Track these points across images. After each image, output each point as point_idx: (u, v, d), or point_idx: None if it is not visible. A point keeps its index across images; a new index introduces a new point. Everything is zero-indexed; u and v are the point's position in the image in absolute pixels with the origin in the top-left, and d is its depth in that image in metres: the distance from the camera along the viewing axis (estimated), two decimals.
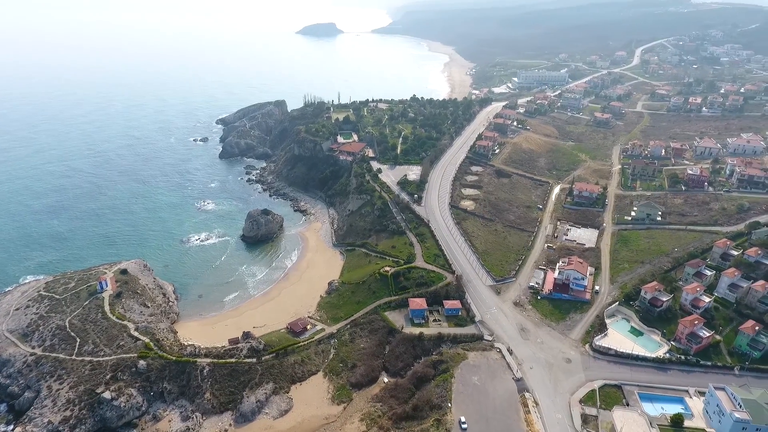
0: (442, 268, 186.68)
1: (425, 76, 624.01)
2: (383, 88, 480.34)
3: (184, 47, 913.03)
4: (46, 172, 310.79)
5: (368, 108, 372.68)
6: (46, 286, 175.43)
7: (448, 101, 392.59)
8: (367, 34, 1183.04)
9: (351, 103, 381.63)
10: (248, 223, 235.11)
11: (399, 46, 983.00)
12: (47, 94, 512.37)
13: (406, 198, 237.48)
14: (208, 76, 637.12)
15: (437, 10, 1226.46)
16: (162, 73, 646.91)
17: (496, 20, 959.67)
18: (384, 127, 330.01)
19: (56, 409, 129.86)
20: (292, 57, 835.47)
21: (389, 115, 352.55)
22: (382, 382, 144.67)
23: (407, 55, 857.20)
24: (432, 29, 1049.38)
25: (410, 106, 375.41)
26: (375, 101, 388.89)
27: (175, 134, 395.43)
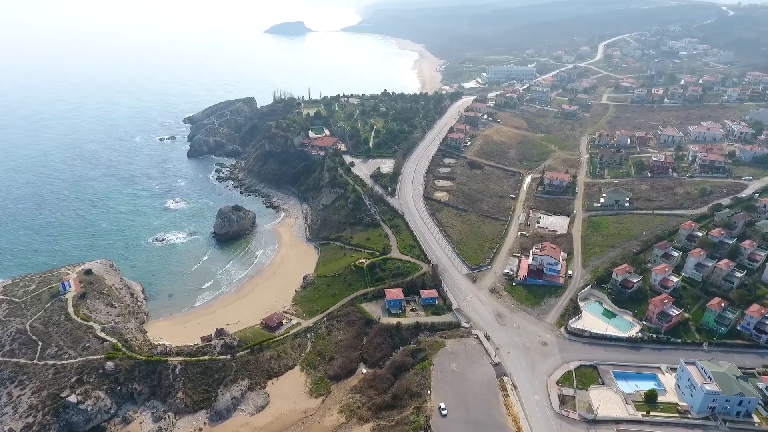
0: (417, 258, 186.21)
1: (396, 73, 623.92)
2: (354, 84, 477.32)
3: (143, 47, 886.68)
4: (10, 173, 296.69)
5: (339, 103, 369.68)
6: (3, 289, 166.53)
7: (419, 96, 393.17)
8: (337, 33, 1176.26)
9: (322, 99, 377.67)
10: (219, 220, 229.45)
11: (369, 44, 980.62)
12: (19, 95, 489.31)
13: (380, 191, 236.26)
14: (173, 76, 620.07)
15: (406, 9, 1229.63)
16: (121, 75, 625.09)
17: (466, 18, 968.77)
18: (356, 121, 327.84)
19: (17, 416, 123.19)
20: (260, 55, 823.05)
21: (361, 110, 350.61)
22: (360, 373, 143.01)
23: (377, 52, 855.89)
24: (401, 27, 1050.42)
25: (382, 100, 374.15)
26: (346, 96, 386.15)
27: (140, 134, 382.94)
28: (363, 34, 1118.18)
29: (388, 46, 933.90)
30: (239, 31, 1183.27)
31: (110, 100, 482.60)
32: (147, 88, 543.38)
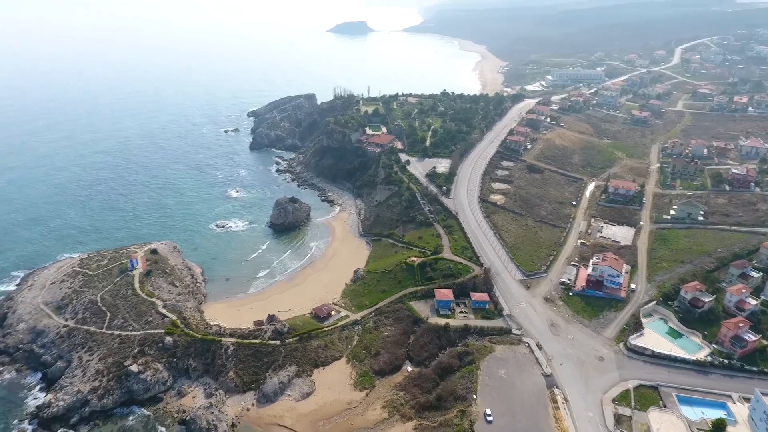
0: (469, 260, 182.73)
1: (456, 74, 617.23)
2: (413, 83, 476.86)
3: (216, 43, 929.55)
4: (96, 155, 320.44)
5: (398, 102, 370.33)
6: (80, 262, 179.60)
7: (479, 96, 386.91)
8: (398, 33, 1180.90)
9: (381, 97, 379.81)
10: (276, 210, 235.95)
11: (430, 44, 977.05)
12: (105, 86, 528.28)
13: (435, 190, 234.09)
14: (239, 72, 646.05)
15: (469, 9, 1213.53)
16: (195, 69, 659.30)
17: (530, 19, 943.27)
18: (413, 120, 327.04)
19: (86, 379, 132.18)
20: (323, 54, 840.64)
21: (419, 109, 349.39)
22: (405, 370, 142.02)
23: (438, 53, 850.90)
24: (463, 28, 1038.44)
25: (440, 100, 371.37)
26: (405, 95, 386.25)
27: (208, 125, 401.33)
28: (424, 35, 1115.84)
29: (449, 46, 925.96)
30: (304, 29, 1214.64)
31: (185, 93, 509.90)
32: (218, 82, 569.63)
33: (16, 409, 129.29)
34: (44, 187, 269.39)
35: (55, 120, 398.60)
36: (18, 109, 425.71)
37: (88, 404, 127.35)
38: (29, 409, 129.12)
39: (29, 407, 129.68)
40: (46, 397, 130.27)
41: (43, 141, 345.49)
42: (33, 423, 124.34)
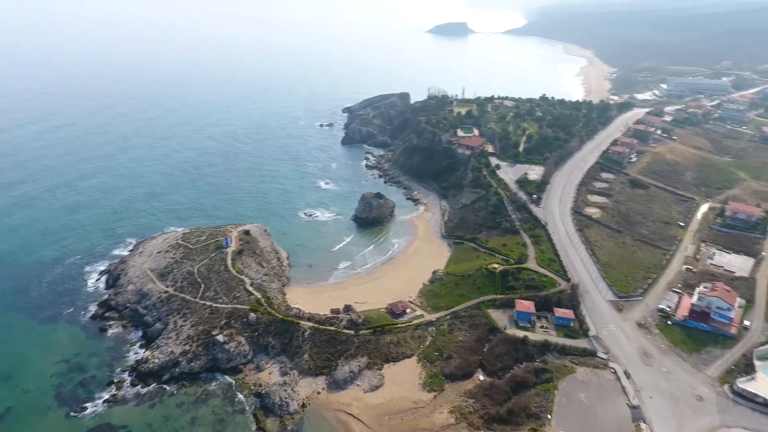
0: (556, 273, 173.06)
1: (558, 79, 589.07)
2: (511, 87, 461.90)
3: (319, 41, 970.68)
4: (208, 141, 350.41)
5: (493, 104, 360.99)
6: (183, 236, 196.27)
7: (581, 103, 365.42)
8: (499, 35, 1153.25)
9: (475, 99, 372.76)
10: (361, 204, 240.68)
11: (532, 47, 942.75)
12: (222, 79, 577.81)
13: (524, 197, 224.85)
14: (338, 69, 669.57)
15: (577, 12, 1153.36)
16: (301, 64, 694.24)
17: (646, 23, 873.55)
18: (508, 124, 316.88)
19: (178, 342, 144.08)
20: (419, 54, 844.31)
21: (514, 113, 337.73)
22: (477, 378, 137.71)
23: (540, 56, 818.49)
24: (570, 32, 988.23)
25: (539, 105, 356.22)
26: (500, 98, 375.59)
27: (304, 119, 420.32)
28: (527, 37, 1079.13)
29: (553, 50, 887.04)
30: (402, 30, 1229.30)
31: (289, 87, 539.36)
32: (318, 77, 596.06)
33: (119, 360, 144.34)
34: (161, 166, 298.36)
35: (176, 107, 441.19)
36: (148, 97, 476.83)
37: (179, 365, 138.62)
38: (129, 361, 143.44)
39: (130, 360, 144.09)
40: (144, 354, 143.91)
41: (164, 125, 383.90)
42: (132, 375, 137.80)
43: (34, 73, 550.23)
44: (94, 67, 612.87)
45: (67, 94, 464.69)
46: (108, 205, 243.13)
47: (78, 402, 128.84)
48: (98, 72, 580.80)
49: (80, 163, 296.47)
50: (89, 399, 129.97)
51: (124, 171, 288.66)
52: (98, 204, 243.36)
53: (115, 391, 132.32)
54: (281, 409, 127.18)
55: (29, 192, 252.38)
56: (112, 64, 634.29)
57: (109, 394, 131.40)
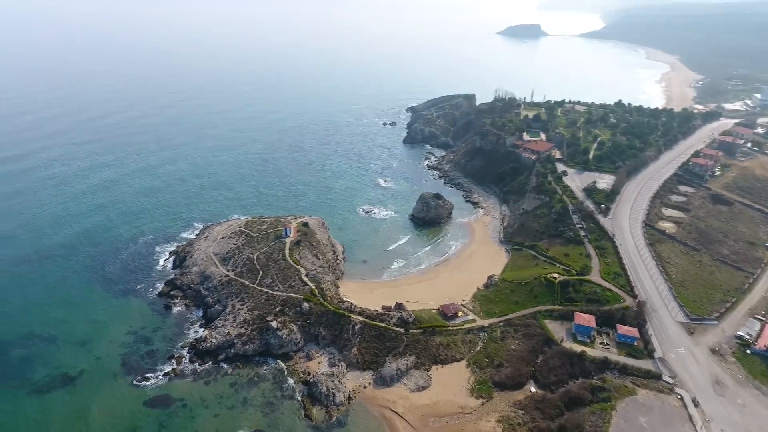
0: (621, 288, 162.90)
1: (637, 85, 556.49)
2: (583, 91, 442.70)
3: (389, 41, 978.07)
4: (277, 134, 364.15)
5: (563, 109, 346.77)
6: (245, 224, 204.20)
7: (661, 110, 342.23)
8: (574, 38, 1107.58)
9: (544, 102, 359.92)
10: (419, 204, 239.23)
11: (609, 51, 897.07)
12: (296, 79, 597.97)
13: (591, 206, 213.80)
14: (404, 68, 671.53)
15: (663, 15, 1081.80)
16: (367, 60, 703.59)
17: (742, 27, 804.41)
18: (578, 129, 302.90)
19: (235, 324, 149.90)
20: (488, 55, 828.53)
21: (586, 118, 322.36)
22: (528, 390, 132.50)
23: (618, 61, 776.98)
24: (652, 36, 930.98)
25: (613, 111, 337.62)
26: (572, 103, 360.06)
27: (369, 117, 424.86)
28: (605, 41, 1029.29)
29: (633, 55, 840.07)
30: (473, 31, 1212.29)
31: (357, 86, 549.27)
32: (386, 76, 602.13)
33: (180, 336, 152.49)
34: (231, 157, 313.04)
35: (251, 102, 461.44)
36: (227, 91, 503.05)
37: (234, 347, 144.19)
38: (189, 339, 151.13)
39: (190, 337, 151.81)
40: (203, 333, 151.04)
41: (238, 118, 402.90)
42: (190, 351, 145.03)
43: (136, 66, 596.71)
44: (192, 60, 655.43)
45: (155, 86, 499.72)
46: (181, 191, 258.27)
47: (141, 372, 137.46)
48: (192, 66, 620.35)
49: (160, 150, 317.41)
50: (151, 370, 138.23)
51: (198, 160, 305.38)
52: (172, 189, 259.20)
53: (174, 366, 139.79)
54: (327, 399, 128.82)
55: (114, 175, 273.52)
56: (206, 60, 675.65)
57: (170, 368, 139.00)
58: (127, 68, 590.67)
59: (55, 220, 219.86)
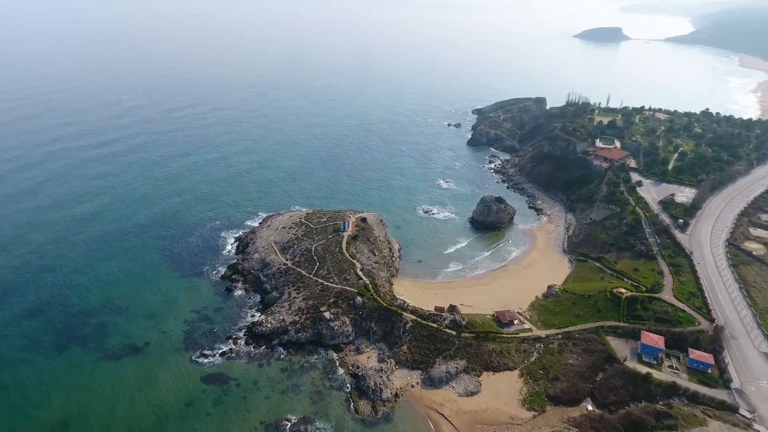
0: (696, 310, 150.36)
1: (727, 94, 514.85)
2: (665, 99, 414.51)
3: (458, 42, 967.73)
4: (343, 129, 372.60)
5: (642, 116, 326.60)
6: (306, 216, 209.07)
7: (755, 122, 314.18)
8: (659, 43, 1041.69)
9: (621, 108, 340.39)
10: (480, 207, 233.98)
11: (698, 58, 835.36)
12: (368, 76, 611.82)
13: (667, 220, 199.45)
14: (474, 69, 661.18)
15: (760, 19, 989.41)
16: (438, 58, 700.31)
17: None
18: (657, 138, 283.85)
19: (290, 312, 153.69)
20: (564, 59, 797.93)
21: (667, 127, 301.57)
22: (585, 408, 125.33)
23: (707, 68, 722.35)
24: (748, 41, 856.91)
25: (698, 120, 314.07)
26: (652, 110, 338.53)
27: (434, 117, 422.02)
28: (693, 47, 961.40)
29: (725, 62, 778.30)
30: (547, 33, 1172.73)
31: (425, 86, 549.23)
32: (454, 78, 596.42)
33: (238, 318, 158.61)
34: (299, 150, 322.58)
35: (320, 98, 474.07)
36: (295, 87, 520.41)
37: (287, 333, 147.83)
38: (246, 322, 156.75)
39: (246, 321, 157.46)
40: (259, 317, 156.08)
41: (307, 113, 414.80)
42: (246, 334, 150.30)
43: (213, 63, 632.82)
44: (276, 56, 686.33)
45: (230, 82, 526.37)
46: (250, 181, 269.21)
47: (200, 349, 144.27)
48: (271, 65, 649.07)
49: (236, 141, 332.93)
50: (210, 348, 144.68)
51: (268, 152, 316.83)
52: (242, 179, 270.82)
53: (231, 346, 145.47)
54: (375, 394, 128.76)
55: (190, 163, 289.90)
56: (289, 58, 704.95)
57: (227, 348, 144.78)
58: (208, 67, 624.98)
59: (136, 202, 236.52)
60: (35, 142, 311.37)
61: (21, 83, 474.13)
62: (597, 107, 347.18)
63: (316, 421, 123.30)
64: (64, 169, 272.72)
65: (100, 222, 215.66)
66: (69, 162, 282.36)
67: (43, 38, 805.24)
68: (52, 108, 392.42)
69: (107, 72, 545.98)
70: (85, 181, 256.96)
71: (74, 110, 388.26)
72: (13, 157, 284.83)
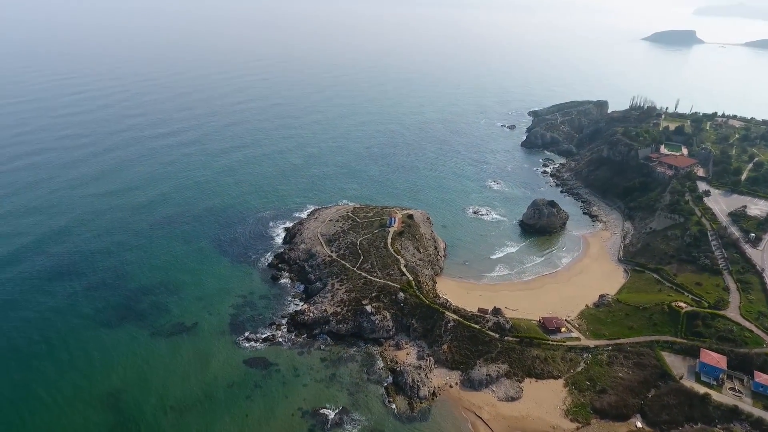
0: (765, 331, 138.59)
1: None
2: (741, 106, 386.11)
3: (516, 43, 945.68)
4: (394, 125, 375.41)
5: (713, 123, 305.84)
6: (353, 210, 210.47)
7: None
8: (737, 47, 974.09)
9: (690, 114, 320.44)
10: (531, 210, 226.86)
11: None
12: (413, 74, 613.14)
13: (737, 234, 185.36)
14: (533, 72, 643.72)
15: None
16: (487, 60, 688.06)
17: None
18: (730, 146, 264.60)
19: (332, 303, 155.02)
20: (630, 62, 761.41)
21: (742, 135, 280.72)
22: (634, 424, 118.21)
23: None
24: None
25: None
26: (725, 116, 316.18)
27: (488, 118, 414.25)
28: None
29: None
30: (614, 36, 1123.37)
31: (481, 86, 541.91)
32: (512, 79, 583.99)
33: (281, 306, 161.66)
34: (354, 145, 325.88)
35: (375, 96, 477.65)
36: (353, 86, 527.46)
37: (329, 324, 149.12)
38: (290, 310, 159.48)
39: (289, 309, 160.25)
40: (302, 306, 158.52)
41: (364, 111, 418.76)
42: (289, 322, 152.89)
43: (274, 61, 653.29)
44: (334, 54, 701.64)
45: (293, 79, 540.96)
46: (302, 174, 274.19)
47: (244, 333, 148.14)
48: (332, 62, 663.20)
49: (289, 136, 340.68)
50: (253, 333, 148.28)
51: (330, 144, 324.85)
52: (296, 172, 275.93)
53: (274, 332, 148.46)
54: (412, 390, 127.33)
55: (249, 155, 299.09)
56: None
57: (270, 334, 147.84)
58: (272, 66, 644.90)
59: (197, 189, 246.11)
60: (102, 132, 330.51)
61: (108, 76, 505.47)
62: (663, 112, 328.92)
63: (352, 412, 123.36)
64: (133, 156, 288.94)
65: (158, 208, 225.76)
66: (137, 149, 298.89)
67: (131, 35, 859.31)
68: (125, 99, 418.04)
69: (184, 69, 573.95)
70: (149, 168, 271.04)
71: (146, 101, 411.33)
72: (84, 144, 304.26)
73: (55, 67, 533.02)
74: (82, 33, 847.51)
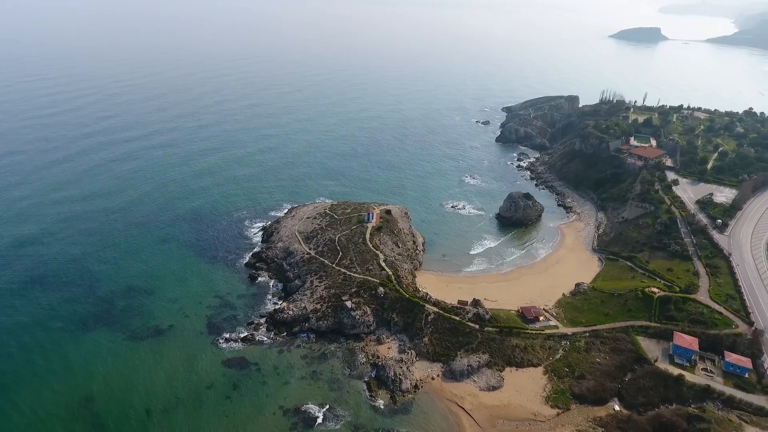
0: (734, 313, 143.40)
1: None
2: (703, 99, 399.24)
3: (493, 41, 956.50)
4: (367, 125, 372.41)
5: (680, 115, 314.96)
6: (330, 207, 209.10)
7: None
8: (699, 44, 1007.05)
9: (657, 107, 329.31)
10: (507, 203, 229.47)
11: (741, 59, 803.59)
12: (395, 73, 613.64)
13: (705, 220, 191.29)
14: (507, 69, 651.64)
15: None
16: (472, 58, 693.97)
17: None
18: (696, 137, 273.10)
19: (312, 300, 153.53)
20: (596, 59, 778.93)
21: (707, 126, 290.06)
22: (611, 408, 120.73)
23: (752, 70, 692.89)
24: None
25: (740, 120, 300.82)
26: (690, 109, 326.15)
27: (462, 114, 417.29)
28: (736, 48, 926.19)
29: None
30: (580, 33, 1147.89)
31: (460, 83, 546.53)
32: (486, 77, 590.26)
33: (260, 305, 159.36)
34: (335, 145, 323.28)
35: (358, 95, 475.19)
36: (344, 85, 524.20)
37: (308, 321, 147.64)
38: (268, 309, 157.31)
39: (268, 307, 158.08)
40: (281, 304, 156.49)
41: (343, 111, 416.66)
42: (268, 321, 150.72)
43: None
44: None
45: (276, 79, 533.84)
46: (283, 173, 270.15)
47: (222, 333, 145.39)
48: None
49: (266, 136, 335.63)
50: (231, 333, 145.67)
51: (307, 143, 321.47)
52: (275, 172, 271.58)
53: (252, 332, 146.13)
54: (394, 384, 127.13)
55: (230, 156, 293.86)
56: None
57: (248, 333, 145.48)
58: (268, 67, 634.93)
59: (172, 192, 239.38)
60: (72, 135, 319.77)
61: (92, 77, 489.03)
62: (632, 105, 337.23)
63: (335, 408, 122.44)
64: (107, 158, 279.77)
65: (133, 211, 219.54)
66: (111, 152, 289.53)
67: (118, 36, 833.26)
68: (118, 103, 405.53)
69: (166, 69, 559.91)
70: (123, 171, 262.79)
71: (120, 102, 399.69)
72: (50, 149, 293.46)
73: (23, 70, 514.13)
74: (54, 35, 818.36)
